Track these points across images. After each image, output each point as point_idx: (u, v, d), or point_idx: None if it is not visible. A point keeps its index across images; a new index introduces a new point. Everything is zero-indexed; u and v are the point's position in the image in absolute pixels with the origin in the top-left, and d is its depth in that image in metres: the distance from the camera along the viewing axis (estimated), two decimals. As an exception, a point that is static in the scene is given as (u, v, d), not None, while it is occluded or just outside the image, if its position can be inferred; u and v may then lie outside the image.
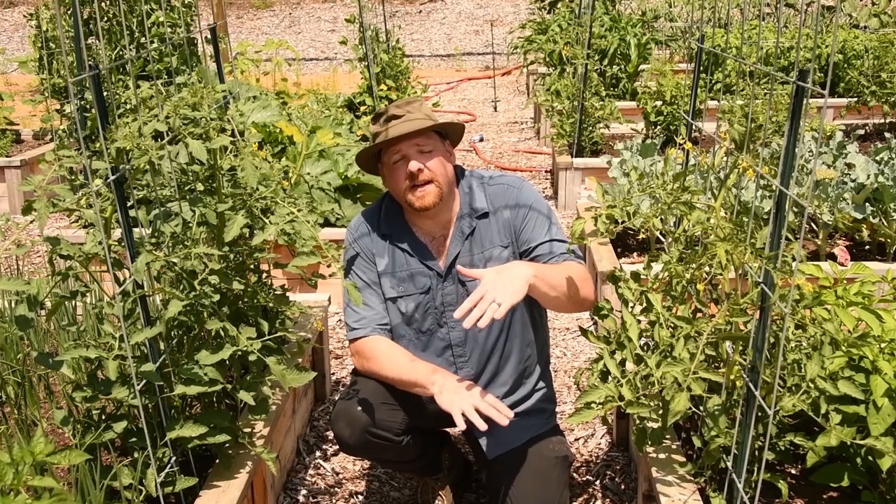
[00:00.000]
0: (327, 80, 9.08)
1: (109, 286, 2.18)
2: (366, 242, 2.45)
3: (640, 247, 4.24)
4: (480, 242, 2.40)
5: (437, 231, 2.42)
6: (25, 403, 2.61)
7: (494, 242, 2.40)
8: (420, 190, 2.31)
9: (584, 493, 2.74)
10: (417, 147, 2.31)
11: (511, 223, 2.40)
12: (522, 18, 11.49)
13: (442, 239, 2.42)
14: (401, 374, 2.33)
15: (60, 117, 5.52)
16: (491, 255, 2.39)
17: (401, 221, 2.44)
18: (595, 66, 6.19)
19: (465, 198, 2.42)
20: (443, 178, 2.33)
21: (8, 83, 9.10)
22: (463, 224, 2.40)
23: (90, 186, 1.86)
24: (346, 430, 2.36)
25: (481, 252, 2.40)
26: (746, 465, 1.98)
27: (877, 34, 7.23)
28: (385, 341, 2.41)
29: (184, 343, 2.33)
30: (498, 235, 2.40)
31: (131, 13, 4.90)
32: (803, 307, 2.14)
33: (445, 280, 2.40)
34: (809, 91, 1.65)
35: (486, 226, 2.40)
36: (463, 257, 2.39)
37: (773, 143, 3.39)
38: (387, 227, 2.44)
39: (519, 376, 2.48)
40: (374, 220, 2.47)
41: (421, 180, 2.30)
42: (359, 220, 2.50)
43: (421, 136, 2.31)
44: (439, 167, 2.33)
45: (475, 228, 2.40)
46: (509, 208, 2.40)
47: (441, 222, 2.41)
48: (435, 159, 2.32)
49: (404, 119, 2.31)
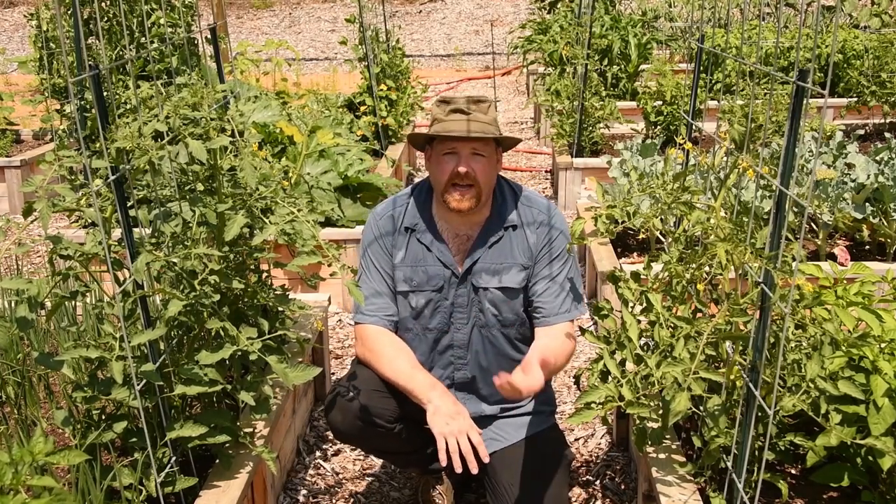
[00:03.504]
0: (327, 80, 9.08)
1: (109, 286, 2.18)
2: (387, 231, 2.44)
3: (640, 247, 4.24)
4: (501, 253, 2.40)
5: (462, 230, 2.42)
6: (25, 403, 2.61)
7: (516, 259, 2.40)
8: (460, 192, 2.30)
9: (584, 493, 2.74)
10: (473, 149, 2.29)
11: (534, 249, 2.40)
12: (522, 18, 11.49)
13: (465, 238, 2.42)
14: (398, 378, 2.33)
15: (60, 117, 5.52)
16: (510, 269, 2.39)
17: (427, 214, 2.43)
18: (595, 66, 6.19)
19: (498, 207, 2.42)
20: (486, 185, 2.33)
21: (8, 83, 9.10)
22: (490, 232, 2.40)
23: (90, 186, 1.86)
24: (338, 416, 2.37)
25: (500, 263, 2.40)
26: (746, 465, 1.98)
27: (877, 34, 7.23)
28: (389, 338, 2.41)
29: (184, 343, 2.33)
30: (520, 253, 2.40)
31: (131, 13, 4.90)
32: (803, 307, 2.14)
33: (461, 283, 2.41)
34: (809, 91, 1.65)
35: (510, 239, 2.41)
36: (482, 264, 2.40)
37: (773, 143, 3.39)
38: (411, 220, 2.43)
39: None
40: (400, 211, 2.46)
41: (465, 183, 2.29)
42: (384, 208, 2.49)
43: (482, 142, 2.29)
44: (486, 175, 2.31)
45: (501, 238, 2.40)
46: (537, 233, 2.41)
47: (470, 222, 2.40)
48: (485, 166, 2.31)
49: (470, 118, 2.28)
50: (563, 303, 2.39)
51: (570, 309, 2.41)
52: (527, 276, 2.41)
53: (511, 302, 2.41)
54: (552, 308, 2.39)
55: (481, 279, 2.40)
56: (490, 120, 2.31)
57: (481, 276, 2.40)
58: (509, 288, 2.40)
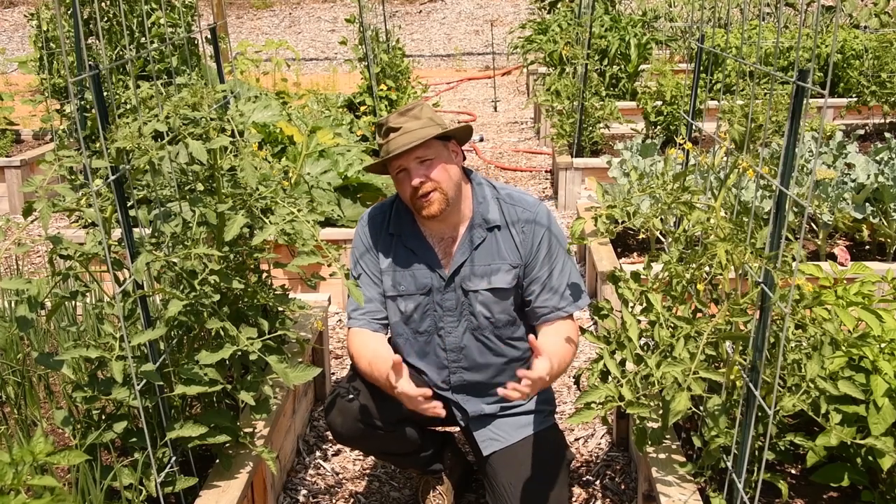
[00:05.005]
0: (327, 80, 9.08)
1: (109, 286, 2.18)
2: (373, 237, 2.45)
3: (640, 247, 4.24)
4: (488, 255, 2.39)
5: (446, 232, 2.41)
6: (25, 403, 2.61)
7: (504, 258, 2.38)
8: (425, 199, 2.29)
9: (584, 493, 2.74)
10: (417, 158, 2.28)
11: (522, 248, 2.38)
12: (522, 18, 11.49)
13: (450, 241, 2.41)
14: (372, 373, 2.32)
15: (60, 117, 5.52)
16: (498, 269, 2.38)
17: (411, 219, 2.43)
18: (595, 66, 6.19)
19: (479, 207, 2.40)
20: (447, 183, 2.31)
21: (8, 83, 9.10)
22: (473, 234, 2.39)
23: (90, 186, 1.86)
24: (339, 419, 2.37)
25: (487, 265, 2.39)
26: (746, 465, 1.98)
27: (877, 34, 7.23)
28: (368, 338, 2.41)
29: (184, 343, 2.33)
30: (508, 253, 2.38)
31: (131, 13, 4.90)
32: (803, 307, 2.14)
33: (448, 286, 2.40)
34: (809, 91, 1.65)
35: (495, 239, 2.39)
36: (467, 267, 2.39)
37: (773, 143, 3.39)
38: (395, 227, 2.43)
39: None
40: (385, 217, 2.46)
41: (425, 191, 2.29)
42: (369, 214, 2.50)
43: (420, 148, 2.28)
44: (442, 174, 2.30)
45: (484, 240, 2.39)
46: (523, 232, 2.39)
47: (451, 224, 2.40)
48: (437, 167, 2.29)
49: (402, 132, 2.27)
50: (561, 299, 2.38)
51: (568, 305, 2.39)
52: (517, 276, 2.39)
53: (503, 302, 2.40)
54: (550, 306, 2.38)
55: (470, 282, 2.39)
56: (422, 123, 2.28)
57: (470, 279, 2.39)
58: (500, 288, 2.38)
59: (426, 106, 2.35)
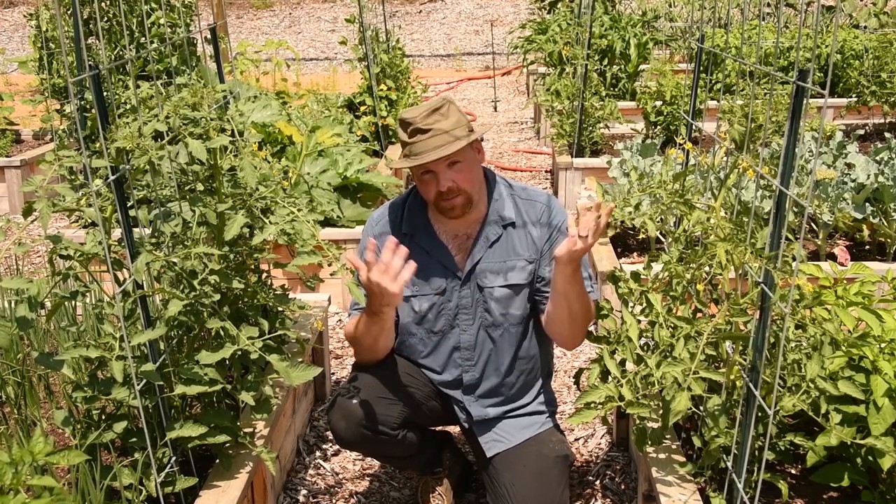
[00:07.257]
0: (327, 80, 9.07)
1: (109, 286, 2.18)
2: (384, 239, 2.44)
3: (640, 247, 4.24)
4: (505, 251, 2.39)
5: (461, 230, 2.41)
6: (25, 403, 2.61)
7: (520, 254, 2.39)
8: (449, 202, 2.29)
9: (584, 493, 2.74)
10: (447, 161, 2.25)
11: (539, 242, 2.39)
12: (522, 18, 11.49)
13: (465, 238, 2.41)
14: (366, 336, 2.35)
15: (60, 117, 5.52)
16: (514, 266, 2.39)
17: (424, 219, 2.43)
18: (595, 66, 6.19)
19: (494, 204, 2.40)
20: (472, 186, 2.30)
21: (8, 83, 9.09)
22: (489, 230, 2.39)
23: (90, 186, 1.86)
24: (342, 423, 2.36)
25: (504, 261, 2.39)
26: (746, 465, 1.98)
27: (876, 34, 7.23)
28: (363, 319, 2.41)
29: (184, 343, 2.33)
30: (524, 249, 2.39)
31: (131, 13, 4.90)
32: (803, 307, 2.14)
33: (464, 284, 2.40)
34: (809, 91, 1.65)
35: (511, 235, 2.39)
36: (484, 264, 2.39)
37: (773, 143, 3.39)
38: (408, 226, 2.42)
39: (523, 386, 2.50)
40: (397, 216, 2.45)
41: (451, 195, 2.28)
42: (380, 214, 2.49)
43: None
44: (468, 177, 2.29)
45: (501, 236, 2.39)
46: (539, 226, 2.39)
47: (468, 222, 2.39)
48: (464, 171, 2.28)
49: (431, 134, 2.22)
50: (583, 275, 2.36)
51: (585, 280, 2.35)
52: (532, 271, 2.40)
53: (517, 297, 2.41)
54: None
55: (486, 279, 2.39)
56: (452, 124, 2.24)
57: (486, 275, 2.39)
58: (516, 284, 2.40)
59: (453, 105, 2.30)
